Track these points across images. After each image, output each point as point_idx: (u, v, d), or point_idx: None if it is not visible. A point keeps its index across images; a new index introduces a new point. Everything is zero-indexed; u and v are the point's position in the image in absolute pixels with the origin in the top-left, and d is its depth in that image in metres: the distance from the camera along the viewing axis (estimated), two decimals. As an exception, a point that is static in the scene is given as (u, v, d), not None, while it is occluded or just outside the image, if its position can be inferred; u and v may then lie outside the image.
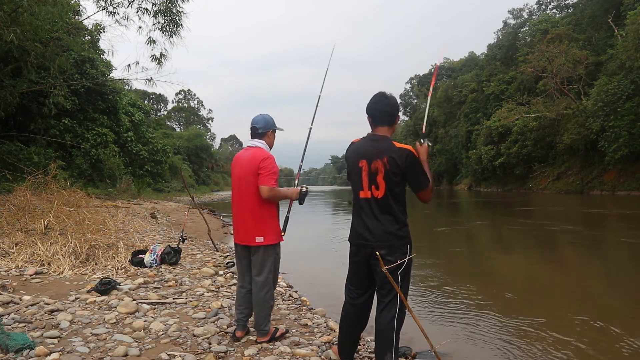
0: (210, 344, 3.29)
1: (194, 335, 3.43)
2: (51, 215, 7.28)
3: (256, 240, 3.19)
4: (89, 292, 4.54)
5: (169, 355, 3.05)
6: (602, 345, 3.68)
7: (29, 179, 8.66)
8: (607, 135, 28.73)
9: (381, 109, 2.78)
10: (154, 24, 15.27)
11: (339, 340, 3.03)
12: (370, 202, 2.72)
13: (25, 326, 3.52)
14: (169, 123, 66.91)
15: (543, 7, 54.80)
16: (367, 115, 2.86)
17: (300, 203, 3.50)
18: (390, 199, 2.69)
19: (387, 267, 2.62)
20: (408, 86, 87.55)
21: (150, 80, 15.83)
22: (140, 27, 15.71)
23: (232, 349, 3.22)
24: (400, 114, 2.86)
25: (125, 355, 3.03)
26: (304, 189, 3.46)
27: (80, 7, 16.79)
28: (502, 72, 49.72)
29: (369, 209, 2.72)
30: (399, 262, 2.65)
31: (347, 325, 2.94)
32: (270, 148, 3.40)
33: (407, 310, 2.69)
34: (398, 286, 2.67)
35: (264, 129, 3.36)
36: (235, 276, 5.73)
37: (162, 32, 15.37)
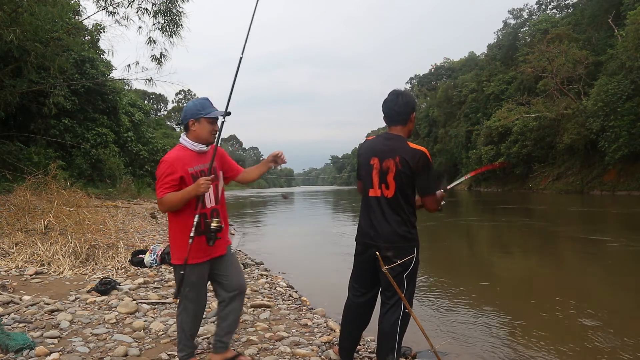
0: (210, 344, 3.29)
1: (194, 335, 3.43)
2: (51, 215, 7.28)
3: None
4: (89, 292, 4.55)
5: (169, 355, 3.05)
6: (603, 346, 3.68)
7: (29, 179, 8.67)
8: (607, 135, 28.73)
9: (392, 108, 2.74)
10: (154, 24, 15.30)
11: (340, 338, 3.03)
12: (379, 201, 2.67)
13: (25, 326, 3.52)
14: (169, 123, 66.87)
15: (543, 7, 54.79)
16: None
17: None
18: (400, 199, 2.65)
19: (388, 267, 2.62)
20: (408, 86, 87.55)
21: (150, 80, 15.87)
22: (140, 27, 15.72)
23: (232, 348, 3.22)
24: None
25: (125, 355, 3.03)
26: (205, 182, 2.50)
27: (80, 7, 16.82)
28: (502, 72, 49.72)
29: (378, 208, 2.68)
30: (399, 262, 2.64)
31: (348, 323, 2.93)
32: (205, 143, 2.68)
33: (408, 310, 2.69)
34: (404, 288, 2.65)
35: (182, 120, 2.68)
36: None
37: (162, 32, 15.40)
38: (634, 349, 3.57)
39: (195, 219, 2.51)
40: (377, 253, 2.63)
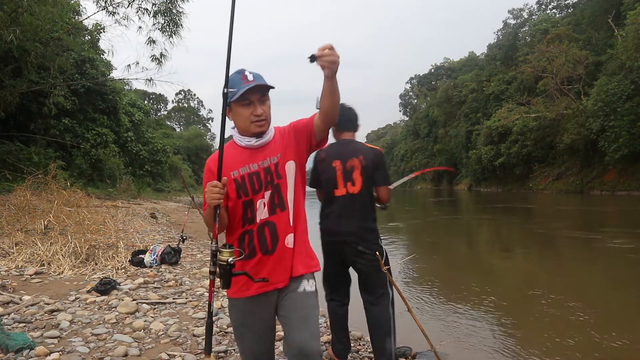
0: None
1: (194, 335, 3.43)
2: (51, 215, 7.28)
3: None
4: (89, 292, 4.55)
5: (169, 355, 3.05)
6: (602, 346, 3.68)
7: (29, 179, 8.67)
8: (607, 135, 28.74)
9: (345, 115, 2.98)
10: (154, 24, 15.31)
11: (332, 339, 3.11)
12: (346, 198, 2.86)
13: (25, 326, 3.52)
14: (169, 123, 66.90)
15: (543, 7, 54.83)
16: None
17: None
18: (365, 194, 2.86)
19: (366, 262, 2.81)
20: (408, 86, 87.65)
21: (150, 80, 15.88)
22: (140, 27, 15.74)
23: (233, 348, 3.22)
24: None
25: (125, 355, 3.03)
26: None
27: (80, 7, 16.82)
28: (502, 72, 49.74)
29: (345, 205, 2.85)
30: (378, 255, 2.75)
31: (336, 322, 3.04)
32: (250, 135, 1.86)
33: (407, 310, 2.70)
34: (387, 278, 2.79)
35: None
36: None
37: (162, 32, 15.41)
38: (631, 348, 3.58)
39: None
40: (377, 253, 2.69)
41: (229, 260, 1.64)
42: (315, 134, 1.89)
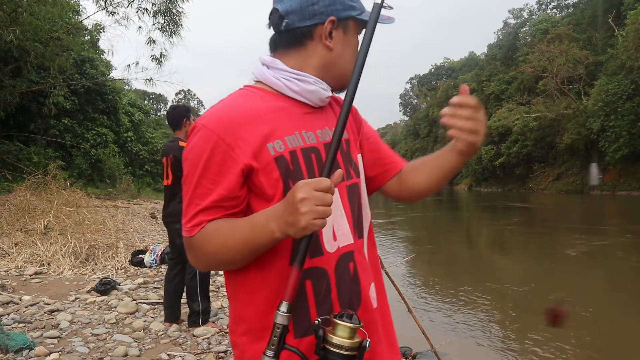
0: (210, 344, 3.29)
1: (194, 335, 3.43)
2: (51, 215, 7.28)
3: None
4: (88, 292, 4.55)
5: (169, 355, 3.05)
6: (601, 347, 3.68)
7: (28, 179, 8.66)
8: (607, 135, 28.74)
9: (171, 115, 3.68)
10: (153, 24, 15.34)
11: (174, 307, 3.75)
12: (165, 188, 3.63)
13: (25, 326, 3.52)
14: (169, 123, 66.95)
15: (543, 7, 54.80)
16: None
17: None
18: (176, 185, 3.42)
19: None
20: (408, 86, 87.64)
21: (150, 80, 15.90)
22: (140, 27, 15.80)
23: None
24: (192, 118, 3.60)
25: (125, 355, 3.03)
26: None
27: (80, 7, 16.84)
28: (502, 72, 49.70)
29: (165, 194, 3.64)
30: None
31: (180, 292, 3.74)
32: (326, 77, 0.97)
33: (408, 310, 2.70)
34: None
35: (288, 14, 0.94)
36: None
37: (162, 32, 15.43)
38: (629, 349, 3.58)
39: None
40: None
41: (364, 343, 0.77)
42: (389, 180, 1.12)
